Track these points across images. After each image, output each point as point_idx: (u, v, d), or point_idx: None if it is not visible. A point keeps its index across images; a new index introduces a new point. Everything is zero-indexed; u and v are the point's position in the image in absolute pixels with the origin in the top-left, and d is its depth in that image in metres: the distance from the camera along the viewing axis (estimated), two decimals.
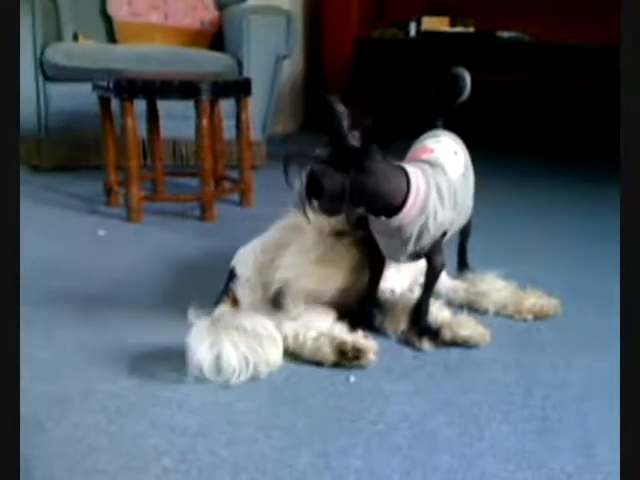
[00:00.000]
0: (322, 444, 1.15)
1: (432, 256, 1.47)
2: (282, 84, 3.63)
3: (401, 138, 1.69)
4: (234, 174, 2.73)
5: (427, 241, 1.41)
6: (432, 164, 1.46)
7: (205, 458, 1.11)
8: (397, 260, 1.50)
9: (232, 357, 1.32)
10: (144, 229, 2.37)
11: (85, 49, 3.23)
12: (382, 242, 1.46)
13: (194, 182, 2.53)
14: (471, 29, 3.80)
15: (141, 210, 2.44)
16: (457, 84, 1.66)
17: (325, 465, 1.09)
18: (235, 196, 2.70)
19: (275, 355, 1.38)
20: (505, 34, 3.60)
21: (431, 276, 1.50)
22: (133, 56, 3.12)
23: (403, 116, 3.76)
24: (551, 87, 4.02)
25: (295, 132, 4.56)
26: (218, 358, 1.31)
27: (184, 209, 2.55)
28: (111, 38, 3.52)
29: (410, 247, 1.40)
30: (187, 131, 2.70)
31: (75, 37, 3.42)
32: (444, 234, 1.45)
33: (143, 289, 1.81)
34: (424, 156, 1.49)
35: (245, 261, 1.60)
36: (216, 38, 3.53)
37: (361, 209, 1.37)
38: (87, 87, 2.56)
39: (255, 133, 3.05)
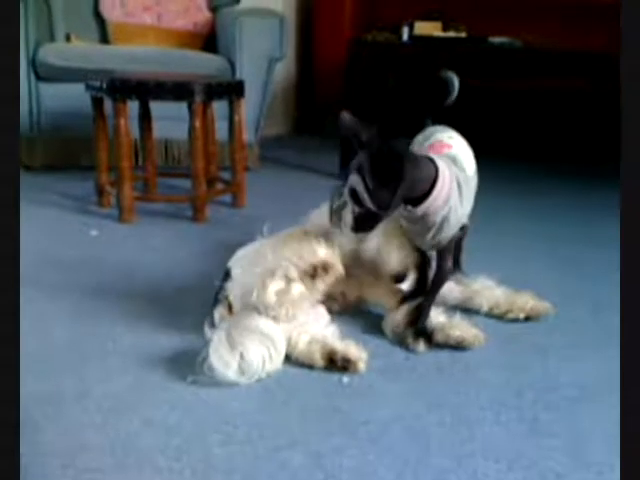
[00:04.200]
0: (315, 444, 1.16)
1: (444, 256, 1.52)
2: (274, 86, 3.64)
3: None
4: (227, 175, 2.74)
5: (447, 233, 1.46)
6: (454, 160, 1.51)
7: (199, 457, 1.11)
8: (421, 246, 1.56)
9: (255, 359, 1.34)
10: (136, 230, 2.37)
11: (78, 49, 3.23)
12: (407, 226, 1.52)
13: (186, 183, 2.53)
14: (463, 34, 3.82)
15: (133, 210, 2.44)
16: (446, 87, 1.72)
17: (318, 465, 1.10)
18: (227, 197, 2.70)
19: (281, 358, 1.41)
20: (497, 39, 3.62)
21: (439, 279, 1.54)
22: (126, 56, 3.12)
23: (396, 119, 3.77)
24: (542, 92, 4.04)
25: (287, 134, 4.57)
26: (242, 360, 1.33)
27: (176, 210, 2.55)
28: (103, 39, 3.52)
29: (430, 236, 1.46)
30: (179, 132, 2.71)
31: (67, 38, 3.42)
32: (463, 230, 1.52)
33: (135, 289, 1.81)
34: (445, 151, 1.54)
35: (241, 264, 1.59)
36: (209, 40, 3.54)
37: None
38: (80, 87, 2.57)
39: (248, 135, 3.05)
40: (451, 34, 3.82)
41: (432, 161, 1.41)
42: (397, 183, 1.31)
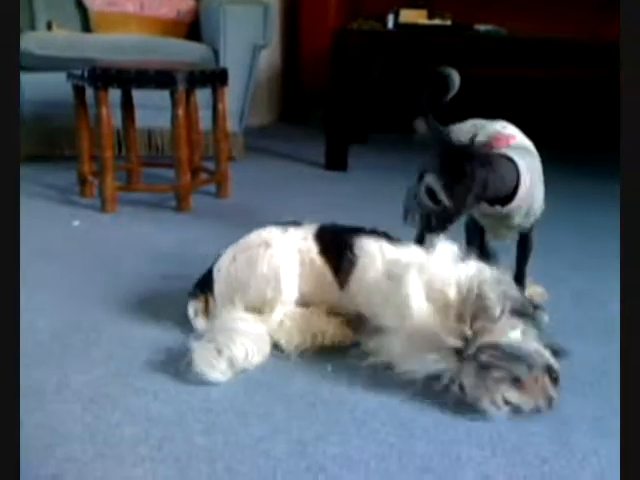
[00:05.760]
0: (299, 432, 1.15)
1: (530, 233, 1.62)
2: (259, 75, 3.61)
3: (378, 131, 1.69)
4: (211, 165, 2.71)
5: (530, 220, 1.54)
6: (525, 149, 1.55)
7: (181, 447, 1.10)
8: (501, 237, 1.64)
9: (240, 356, 1.33)
10: (119, 219, 2.35)
11: (60, 38, 3.19)
12: (486, 222, 1.59)
13: (170, 173, 2.51)
14: (448, 22, 3.81)
15: (115, 200, 2.42)
16: (446, 83, 1.72)
17: (302, 452, 1.09)
18: (212, 187, 2.68)
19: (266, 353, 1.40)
20: (482, 27, 3.61)
21: (528, 250, 1.64)
22: (108, 45, 3.09)
23: (381, 109, 3.76)
24: (527, 80, 4.05)
25: (272, 123, 4.54)
26: (229, 361, 1.32)
27: (160, 200, 2.53)
28: (85, 27, 3.48)
29: (514, 226, 1.55)
30: (162, 121, 2.69)
31: (49, 26, 3.38)
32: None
33: (118, 279, 1.79)
34: (512, 142, 1.55)
35: (221, 271, 1.53)
36: (192, 28, 3.51)
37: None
38: (61, 76, 2.53)
39: (232, 124, 3.04)
40: (437, 22, 3.80)
41: (511, 160, 1.45)
42: (470, 182, 1.37)
